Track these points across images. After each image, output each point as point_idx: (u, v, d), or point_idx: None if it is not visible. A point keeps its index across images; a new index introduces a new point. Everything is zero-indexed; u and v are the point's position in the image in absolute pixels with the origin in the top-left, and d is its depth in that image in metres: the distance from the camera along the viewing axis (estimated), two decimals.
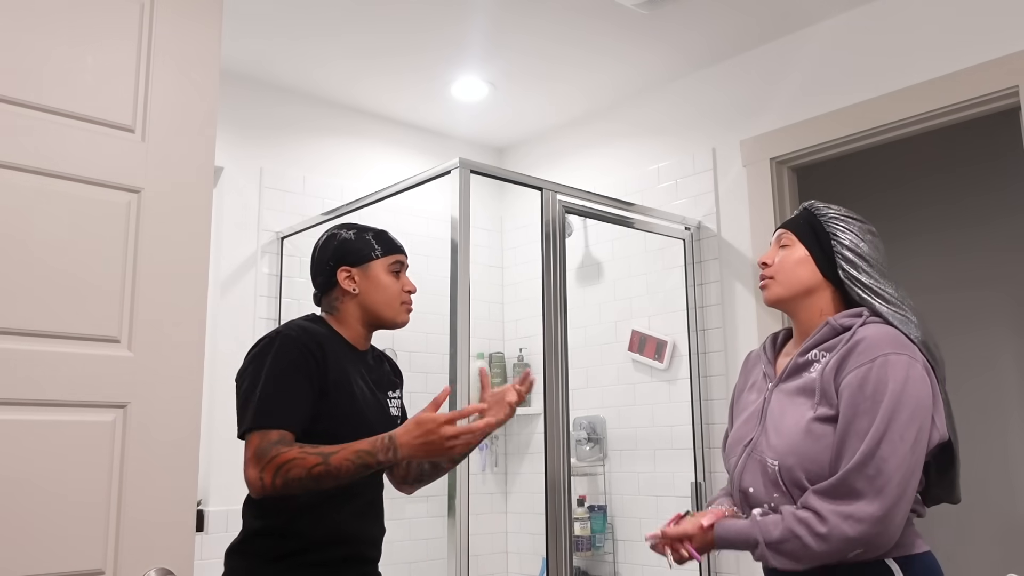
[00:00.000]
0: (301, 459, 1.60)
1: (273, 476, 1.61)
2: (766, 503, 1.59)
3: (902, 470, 1.45)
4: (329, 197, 3.44)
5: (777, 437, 1.59)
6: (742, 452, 1.67)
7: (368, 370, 1.92)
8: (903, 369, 1.50)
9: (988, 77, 2.51)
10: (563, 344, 2.63)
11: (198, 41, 1.71)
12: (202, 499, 2.96)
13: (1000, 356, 3.58)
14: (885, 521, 1.43)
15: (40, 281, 1.46)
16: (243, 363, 1.80)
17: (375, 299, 1.89)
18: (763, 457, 1.60)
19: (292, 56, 3.14)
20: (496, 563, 3.76)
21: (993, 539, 3.50)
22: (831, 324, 1.62)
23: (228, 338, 3.11)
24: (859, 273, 1.65)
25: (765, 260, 1.75)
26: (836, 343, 1.59)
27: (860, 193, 4.05)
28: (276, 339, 1.77)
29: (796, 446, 1.54)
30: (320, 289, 1.94)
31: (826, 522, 1.45)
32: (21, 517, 1.40)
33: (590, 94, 3.51)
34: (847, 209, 1.75)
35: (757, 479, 1.61)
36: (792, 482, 1.54)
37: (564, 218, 2.72)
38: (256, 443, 1.65)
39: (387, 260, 1.91)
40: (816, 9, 2.86)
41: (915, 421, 1.47)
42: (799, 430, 1.55)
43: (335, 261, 1.90)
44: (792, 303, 1.71)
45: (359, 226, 1.96)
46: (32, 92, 1.49)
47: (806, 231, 1.72)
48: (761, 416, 1.67)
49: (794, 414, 1.59)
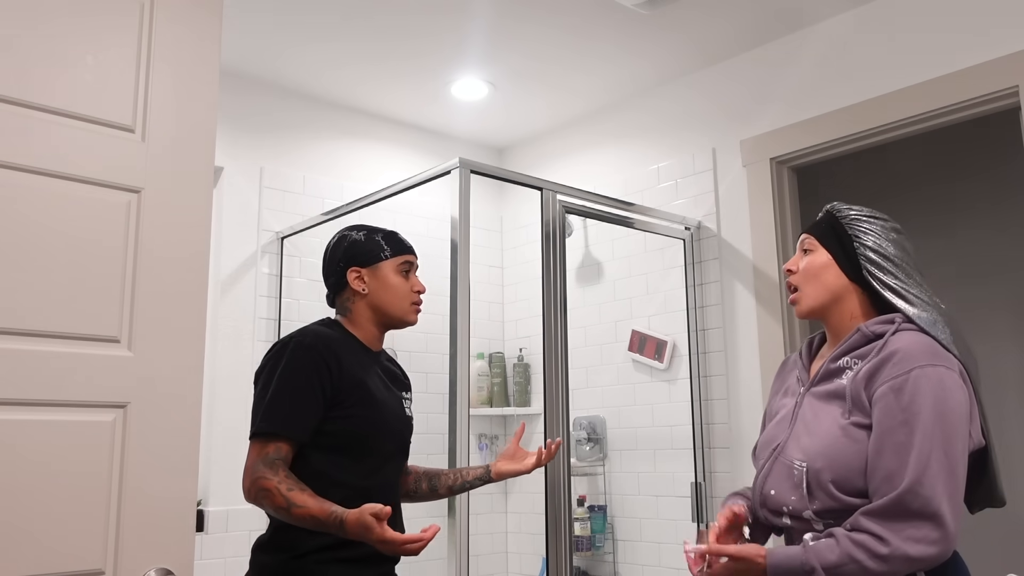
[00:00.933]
0: (273, 495, 1.68)
1: (255, 496, 1.71)
2: (785, 506, 1.57)
3: (952, 487, 1.43)
4: (329, 197, 3.44)
5: (808, 440, 1.57)
6: (770, 455, 1.65)
7: (383, 370, 1.96)
8: (939, 381, 1.47)
9: (988, 77, 2.51)
10: (563, 344, 2.63)
11: (198, 41, 1.71)
12: (202, 499, 2.96)
13: (1001, 356, 3.58)
14: (947, 541, 1.41)
15: (40, 281, 1.46)
16: (261, 363, 1.85)
17: (384, 299, 1.92)
18: (790, 460, 1.58)
19: (292, 56, 3.14)
20: (496, 563, 3.76)
21: (993, 539, 3.50)
22: (863, 331, 1.59)
23: (228, 338, 3.11)
24: (884, 275, 1.61)
25: (790, 267, 1.72)
26: (869, 351, 1.56)
27: (860, 193, 4.05)
28: (290, 345, 1.81)
29: (827, 449, 1.52)
30: (332, 290, 1.98)
31: (887, 543, 1.41)
32: (21, 517, 1.39)
33: (590, 94, 3.51)
34: (870, 209, 1.71)
35: (780, 482, 1.59)
36: (818, 485, 1.51)
37: (564, 218, 2.72)
38: (253, 456, 1.74)
39: (396, 260, 1.95)
40: (816, 9, 2.86)
41: (958, 435, 1.46)
42: (832, 433, 1.53)
43: (345, 262, 1.93)
44: (822, 311, 1.68)
45: (369, 227, 1.99)
46: (32, 92, 1.49)
47: (828, 234, 1.69)
48: (792, 420, 1.65)
49: (827, 418, 1.57)
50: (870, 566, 1.41)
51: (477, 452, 3.78)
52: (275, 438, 1.73)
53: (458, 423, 2.29)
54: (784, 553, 1.49)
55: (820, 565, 1.44)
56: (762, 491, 1.64)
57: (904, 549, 1.40)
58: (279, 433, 1.73)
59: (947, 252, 3.76)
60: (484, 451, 3.79)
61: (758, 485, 1.66)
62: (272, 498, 1.68)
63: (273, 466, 1.71)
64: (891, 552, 1.40)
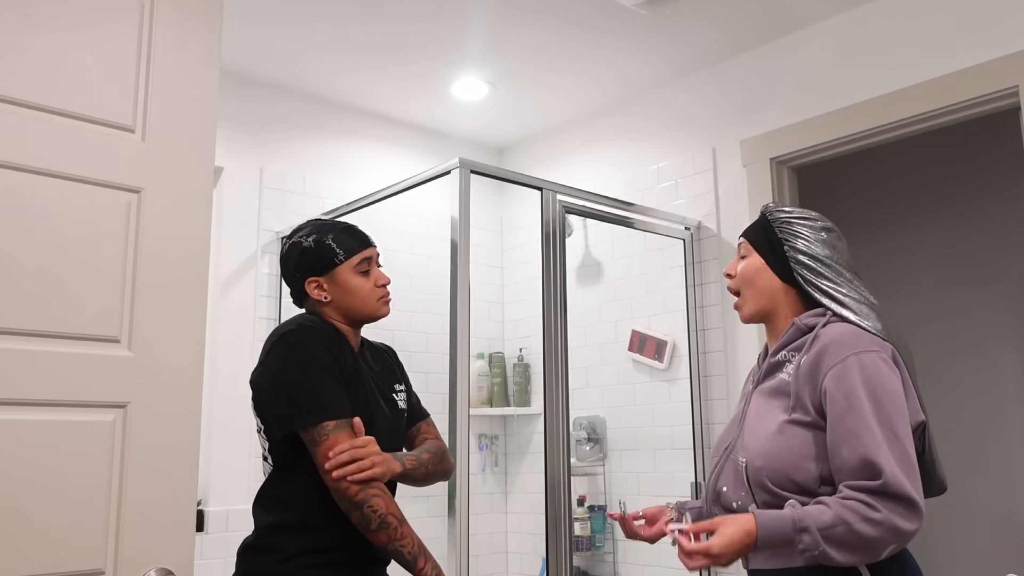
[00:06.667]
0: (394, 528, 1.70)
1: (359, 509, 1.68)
2: (734, 502, 1.62)
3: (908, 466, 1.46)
4: (329, 197, 3.44)
5: (751, 438, 1.62)
6: (723, 454, 1.70)
7: (369, 368, 1.92)
8: (874, 367, 1.52)
9: (988, 77, 2.51)
10: (563, 344, 2.63)
11: (198, 41, 1.71)
12: (202, 499, 2.96)
13: (1001, 355, 3.57)
14: (922, 515, 1.45)
15: (40, 281, 1.46)
16: (265, 358, 1.78)
17: (349, 302, 1.86)
18: (736, 458, 1.64)
19: (293, 56, 3.14)
20: (496, 563, 3.76)
21: (993, 539, 3.50)
22: (797, 325, 1.65)
23: (228, 338, 3.11)
24: (814, 276, 1.66)
25: (728, 272, 1.78)
26: (803, 343, 1.61)
27: (860, 193, 4.05)
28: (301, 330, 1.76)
29: (765, 446, 1.57)
30: (295, 298, 1.92)
31: (878, 510, 1.43)
32: (21, 517, 1.39)
33: (590, 94, 3.51)
34: (801, 210, 1.75)
35: (729, 479, 1.65)
36: (756, 482, 1.56)
37: (564, 218, 2.72)
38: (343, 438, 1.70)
39: (352, 262, 1.86)
40: (816, 9, 2.86)
41: (902, 415, 1.50)
42: (770, 431, 1.58)
43: (301, 272, 1.86)
44: (763, 315, 1.73)
45: (319, 227, 1.89)
46: (32, 92, 1.49)
47: (760, 239, 1.73)
48: (741, 419, 1.70)
49: (767, 416, 1.61)
50: (860, 528, 1.42)
51: (477, 452, 3.78)
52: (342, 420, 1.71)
53: (458, 423, 2.29)
54: (772, 512, 1.49)
55: (813, 524, 1.44)
56: (715, 488, 1.68)
57: (893, 519, 1.43)
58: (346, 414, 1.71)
59: (947, 253, 3.76)
60: (484, 451, 3.80)
61: (711, 483, 1.70)
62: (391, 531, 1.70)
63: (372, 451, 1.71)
64: (883, 518, 1.42)
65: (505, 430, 3.88)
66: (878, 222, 3.99)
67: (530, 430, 3.76)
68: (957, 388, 3.64)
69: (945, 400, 3.62)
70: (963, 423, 3.59)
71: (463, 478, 2.26)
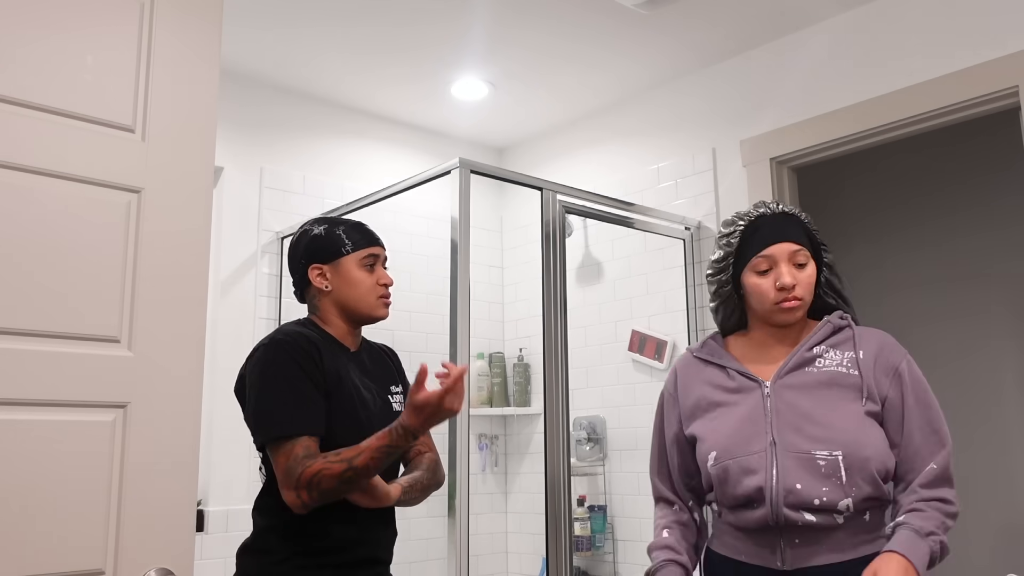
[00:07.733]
0: (328, 469, 1.62)
1: (308, 492, 1.63)
2: (816, 499, 1.56)
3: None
4: (329, 197, 3.44)
5: (828, 430, 1.60)
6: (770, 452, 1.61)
7: (364, 370, 1.90)
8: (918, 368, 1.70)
9: (988, 77, 2.51)
10: (563, 344, 2.63)
11: (198, 41, 1.71)
12: (202, 499, 2.96)
13: (1001, 354, 3.58)
14: None
15: (40, 281, 1.46)
16: (244, 372, 1.79)
17: (349, 295, 1.85)
18: (806, 451, 1.59)
19: (293, 56, 3.15)
20: (496, 563, 3.76)
21: (993, 539, 3.50)
22: (831, 322, 1.73)
23: (228, 338, 3.11)
24: (839, 283, 1.78)
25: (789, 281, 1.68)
26: (840, 340, 1.71)
27: (860, 193, 4.05)
28: (274, 345, 1.75)
29: (860, 437, 1.60)
30: (297, 287, 1.92)
31: (953, 504, 1.59)
32: (21, 517, 1.40)
33: (590, 94, 3.51)
34: None
35: (802, 474, 1.58)
36: (862, 474, 1.58)
37: (564, 218, 2.72)
38: (283, 464, 1.66)
39: (359, 255, 1.86)
40: (816, 9, 2.87)
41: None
42: (857, 422, 1.61)
43: (307, 258, 1.87)
44: None
45: (332, 220, 1.91)
46: (32, 92, 1.50)
47: (811, 248, 1.75)
48: (770, 413, 1.64)
49: (842, 406, 1.63)
50: (950, 525, 1.58)
51: (477, 452, 3.78)
52: (297, 438, 1.67)
53: (458, 423, 2.29)
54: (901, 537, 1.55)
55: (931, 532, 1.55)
56: (785, 487, 1.58)
57: (957, 506, 1.60)
58: (304, 432, 1.67)
59: (947, 253, 3.76)
60: (484, 451, 3.80)
61: (773, 484, 1.59)
62: (329, 472, 1.61)
63: (308, 455, 1.65)
64: (957, 509, 1.59)
65: (505, 430, 3.88)
66: (878, 222, 3.99)
67: (530, 430, 3.76)
68: (956, 387, 3.64)
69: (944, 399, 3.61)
70: (961, 423, 3.59)
71: (463, 478, 2.26)
